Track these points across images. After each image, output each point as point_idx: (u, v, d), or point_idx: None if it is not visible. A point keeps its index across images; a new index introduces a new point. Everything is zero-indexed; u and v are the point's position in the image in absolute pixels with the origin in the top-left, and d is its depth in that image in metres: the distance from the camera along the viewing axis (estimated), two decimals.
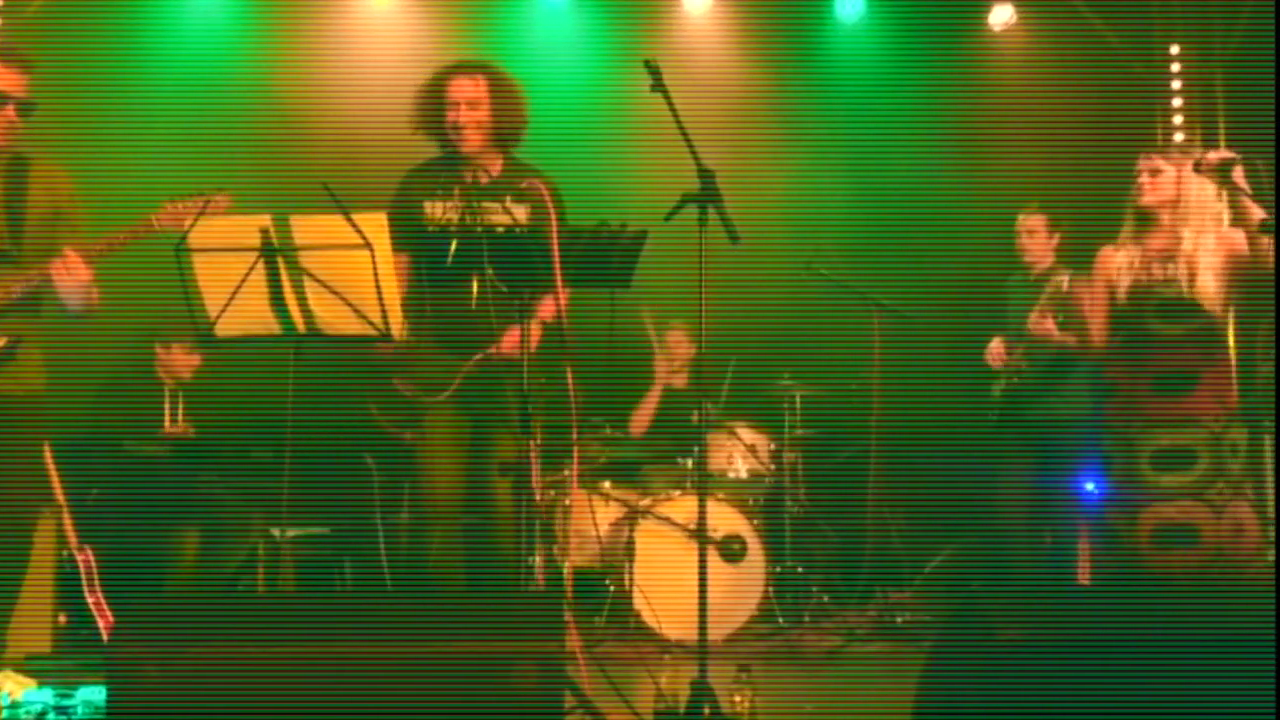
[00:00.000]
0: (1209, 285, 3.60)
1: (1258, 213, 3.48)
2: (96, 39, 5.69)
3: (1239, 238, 3.60)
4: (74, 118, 3.37)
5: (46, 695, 3.41)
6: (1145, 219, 3.72)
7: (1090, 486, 4.39)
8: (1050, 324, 4.49)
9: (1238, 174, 3.51)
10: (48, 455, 4.06)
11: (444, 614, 2.48)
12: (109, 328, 3.45)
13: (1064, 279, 4.49)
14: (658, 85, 3.12)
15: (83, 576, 4.17)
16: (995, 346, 4.97)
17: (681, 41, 6.57)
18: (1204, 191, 3.62)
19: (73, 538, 4.21)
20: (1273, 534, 4.33)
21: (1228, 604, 2.61)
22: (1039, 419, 4.82)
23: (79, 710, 3.31)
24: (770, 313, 5.76)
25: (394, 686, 2.32)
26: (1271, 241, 3.42)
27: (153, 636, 2.35)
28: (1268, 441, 4.86)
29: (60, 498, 4.21)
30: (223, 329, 3.18)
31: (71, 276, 3.26)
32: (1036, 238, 5.02)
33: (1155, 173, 3.69)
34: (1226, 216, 3.60)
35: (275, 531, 4.68)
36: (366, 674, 2.32)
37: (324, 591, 5.11)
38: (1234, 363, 3.96)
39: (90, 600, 4.15)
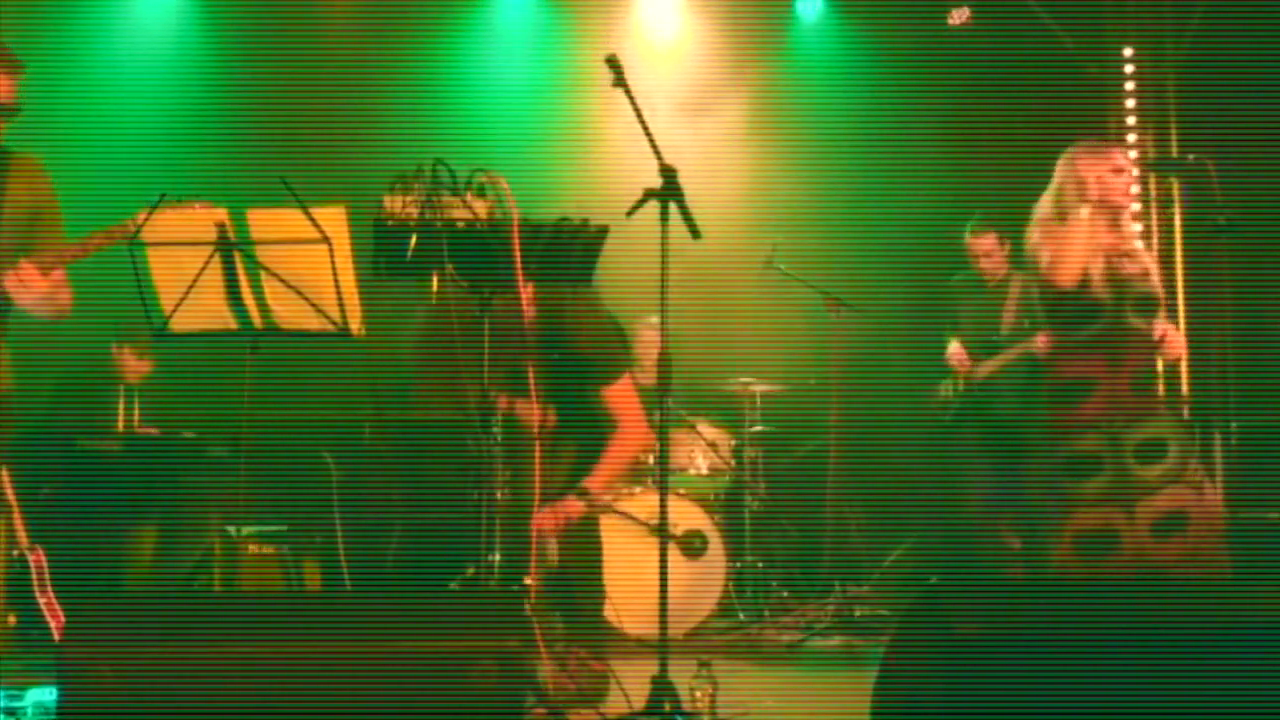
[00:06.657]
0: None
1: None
2: (49, 36, 5.59)
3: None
4: (33, 116, 3.32)
5: None
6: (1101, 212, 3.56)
7: None
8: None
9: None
10: None
11: (404, 612, 2.46)
12: (67, 325, 3.37)
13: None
14: (619, 81, 3.11)
15: (34, 576, 4.09)
16: (956, 350, 5.03)
17: (643, 39, 6.57)
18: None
19: (23, 537, 4.13)
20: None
21: (1171, 601, 2.65)
22: (999, 419, 4.87)
23: (29, 712, 3.26)
24: (731, 309, 5.77)
25: (353, 685, 2.30)
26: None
27: (105, 637, 2.31)
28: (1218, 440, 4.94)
29: (10, 496, 4.13)
30: (178, 324, 3.13)
31: (26, 289, 3.12)
32: (994, 257, 5.12)
33: (1118, 171, 3.55)
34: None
35: (231, 530, 4.63)
36: (325, 673, 2.30)
37: (281, 591, 5.05)
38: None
39: (41, 601, 4.08)
